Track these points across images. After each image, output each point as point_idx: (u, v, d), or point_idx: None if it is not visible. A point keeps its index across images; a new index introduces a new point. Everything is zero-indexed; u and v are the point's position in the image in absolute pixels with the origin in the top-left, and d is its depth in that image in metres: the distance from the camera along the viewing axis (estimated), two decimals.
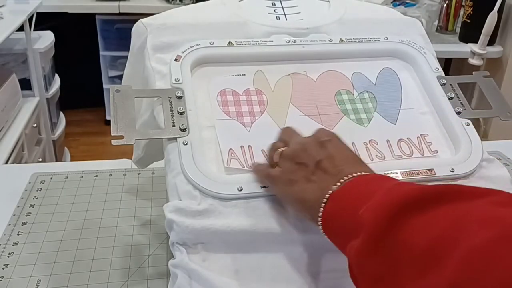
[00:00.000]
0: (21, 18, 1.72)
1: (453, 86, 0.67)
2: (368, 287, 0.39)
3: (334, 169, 0.47)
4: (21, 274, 0.61)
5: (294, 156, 0.50)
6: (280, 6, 0.73)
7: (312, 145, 0.50)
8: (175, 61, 0.63)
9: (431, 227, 0.36)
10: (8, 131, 1.65)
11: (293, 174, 0.49)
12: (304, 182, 0.48)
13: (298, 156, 0.50)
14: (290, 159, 0.51)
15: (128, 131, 0.56)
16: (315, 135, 0.52)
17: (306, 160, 0.49)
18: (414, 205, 0.38)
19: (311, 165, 0.49)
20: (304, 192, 0.48)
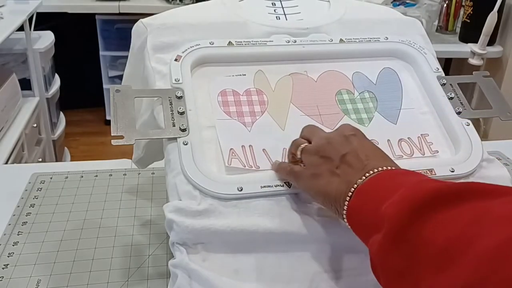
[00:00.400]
0: (21, 18, 1.72)
1: (453, 86, 0.67)
2: (389, 281, 0.40)
3: (359, 163, 0.47)
4: (21, 274, 0.61)
5: (319, 150, 0.50)
6: (280, 6, 0.73)
7: (336, 139, 0.50)
8: (175, 61, 0.63)
9: (450, 225, 0.36)
10: (8, 131, 1.65)
11: (318, 168, 0.49)
12: (328, 175, 0.48)
13: (324, 149, 0.50)
14: (315, 153, 0.50)
15: (128, 131, 0.56)
16: (339, 129, 0.52)
17: (330, 154, 0.49)
18: (435, 201, 0.38)
19: (336, 158, 0.48)
20: (329, 185, 0.48)
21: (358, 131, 0.52)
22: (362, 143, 0.50)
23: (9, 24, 1.65)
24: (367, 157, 0.48)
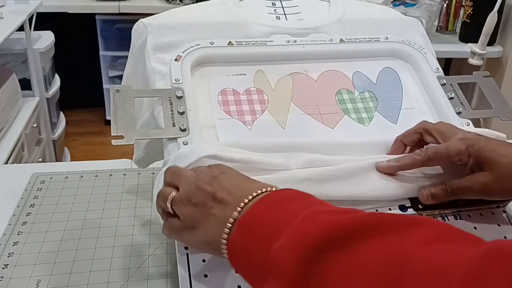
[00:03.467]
0: (21, 18, 1.72)
1: (453, 86, 0.67)
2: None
3: (232, 197, 0.44)
4: (21, 274, 0.61)
5: (190, 198, 0.46)
6: (280, 6, 0.73)
7: (204, 181, 0.46)
8: (175, 61, 0.63)
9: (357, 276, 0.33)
10: (8, 131, 1.65)
11: (194, 218, 0.45)
12: (204, 221, 0.44)
13: (195, 196, 0.45)
14: (187, 202, 0.46)
15: (128, 131, 0.56)
16: (205, 169, 0.48)
17: (202, 199, 0.45)
18: (332, 243, 0.34)
19: (208, 201, 0.45)
20: (207, 231, 0.44)
21: (227, 169, 0.48)
22: (232, 177, 0.46)
23: (9, 24, 1.65)
24: (240, 188, 0.44)
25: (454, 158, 0.53)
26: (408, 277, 0.31)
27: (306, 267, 0.34)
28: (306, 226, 0.37)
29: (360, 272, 0.33)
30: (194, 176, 0.48)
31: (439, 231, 0.35)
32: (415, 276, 0.31)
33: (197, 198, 0.45)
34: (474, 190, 0.53)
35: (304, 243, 0.35)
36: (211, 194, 0.45)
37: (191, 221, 0.46)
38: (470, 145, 0.52)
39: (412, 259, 0.32)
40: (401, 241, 0.34)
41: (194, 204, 0.45)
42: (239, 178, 0.47)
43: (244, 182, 0.46)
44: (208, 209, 0.44)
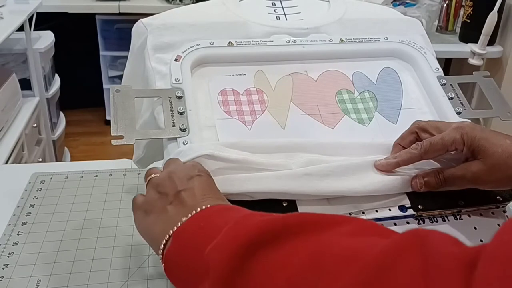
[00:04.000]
0: (21, 18, 1.72)
1: (453, 86, 0.67)
2: None
3: (193, 201, 0.44)
4: (21, 274, 0.61)
5: (158, 184, 0.47)
6: (280, 6, 0.73)
7: (179, 175, 0.46)
8: (175, 61, 0.63)
9: (286, 267, 0.33)
10: (8, 131, 1.65)
11: (151, 204, 0.46)
12: (159, 213, 0.45)
13: (163, 184, 0.46)
14: (155, 187, 0.47)
15: (128, 131, 0.56)
16: (187, 166, 0.49)
17: (167, 190, 0.45)
18: (263, 238, 0.35)
19: (170, 194, 0.45)
20: (154, 224, 0.44)
21: (205, 172, 0.48)
22: (203, 184, 0.46)
23: (9, 24, 1.64)
24: (204, 197, 0.44)
25: (450, 147, 0.53)
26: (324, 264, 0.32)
27: (236, 265, 0.35)
28: (238, 228, 0.37)
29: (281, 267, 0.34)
30: (173, 167, 0.49)
31: (363, 227, 0.36)
32: (331, 262, 0.32)
33: (164, 188, 0.46)
34: (465, 179, 0.53)
35: (235, 242, 0.36)
36: (176, 190, 0.45)
37: (148, 205, 0.46)
38: (464, 133, 0.52)
39: (331, 248, 0.33)
40: (324, 235, 0.35)
41: (159, 192, 0.46)
42: (210, 188, 0.47)
43: (214, 192, 0.46)
44: (166, 203, 0.45)
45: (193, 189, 0.45)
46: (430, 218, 0.56)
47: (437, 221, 0.56)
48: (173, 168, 0.49)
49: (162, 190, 0.46)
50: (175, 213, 0.44)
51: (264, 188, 0.52)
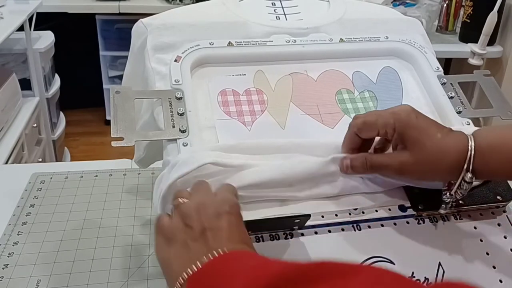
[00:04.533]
0: (21, 18, 1.72)
1: (454, 86, 0.67)
2: None
3: (217, 243, 0.42)
4: (21, 274, 0.61)
5: (185, 216, 0.45)
6: (280, 6, 0.73)
7: (208, 211, 0.45)
8: (175, 62, 0.63)
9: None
10: (8, 131, 1.65)
11: (175, 234, 0.45)
12: (180, 247, 0.44)
13: (189, 217, 0.45)
14: (181, 216, 0.45)
15: (128, 133, 0.56)
16: (218, 200, 0.47)
17: (194, 224, 0.44)
18: (281, 286, 0.35)
19: (196, 230, 0.44)
20: (173, 258, 0.43)
21: (235, 210, 0.46)
22: (232, 225, 0.44)
23: (9, 24, 1.65)
24: (229, 240, 0.43)
25: (381, 130, 0.52)
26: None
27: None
28: (257, 274, 0.37)
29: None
30: (204, 198, 0.47)
31: (381, 278, 0.35)
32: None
33: (191, 221, 0.45)
34: (391, 168, 0.52)
35: (256, 285, 0.35)
36: (203, 227, 0.44)
37: (171, 233, 0.45)
38: (397, 119, 0.51)
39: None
40: (340, 284, 0.34)
41: (185, 223, 0.45)
42: (238, 230, 0.45)
43: (240, 235, 0.44)
44: (189, 238, 0.43)
45: (219, 230, 0.43)
46: (430, 218, 0.56)
47: (437, 221, 0.56)
48: (203, 199, 0.47)
49: (189, 222, 0.45)
50: (196, 251, 0.42)
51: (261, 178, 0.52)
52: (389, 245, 0.53)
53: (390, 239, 0.54)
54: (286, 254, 0.52)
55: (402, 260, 0.53)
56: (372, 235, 0.54)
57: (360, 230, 0.55)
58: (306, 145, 0.57)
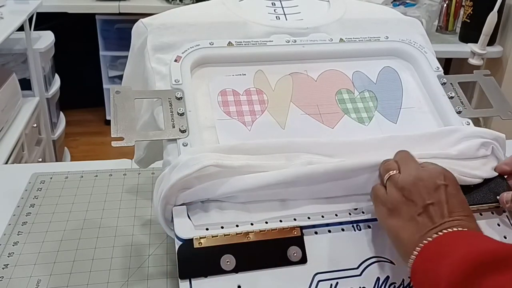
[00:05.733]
0: (21, 18, 1.72)
1: (454, 85, 0.67)
2: None
3: (440, 218, 0.46)
4: (21, 274, 0.61)
5: (404, 188, 0.49)
6: (280, 6, 0.73)
7: (425, 184, 0.48)
8: (175, 62, 0.63)
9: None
10: (8, 131, 1.65)
11: (397, 207, 0.48)
12: (406, 219, 0.48)
13: (409, 190, 0.48)
14: (399, 189, 0.49)
15: (128, 133, 0.56)
16: (432, 172, 0.50)
17: (415, 198, 0.48)
18: (491, 264, 0.38)
19: (419, 205, 0.47)
20: (403, 230, 0.47)
21: (451, 180, 0.49)
22: (451, 197, 0.48)
23: (9, 24, 1.64)
24: (451, 214, 0.46)
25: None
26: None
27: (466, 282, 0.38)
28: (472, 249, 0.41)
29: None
30: (418, 171, 0.50)
31: None
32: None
33: (410, 194, 0.48)
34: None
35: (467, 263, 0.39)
36: (425, 202, 0.47)
37: (392, 205, 0.49)
38: None
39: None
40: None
41: (404, 196, 0.48)
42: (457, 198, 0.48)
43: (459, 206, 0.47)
44: (413, 212, 0.47)
45: (441, 204, 0.47)
46: None
47: None
48: (418, 173, 0.50)
49: (409, 196, 0.48)
50: (423, 227, 0.46)
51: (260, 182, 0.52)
52: (389, 245, 0.53)
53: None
54: None
55: (402, 260, 0.53)
56: (372, 235, 0.54)
57: (360, 230, 0.55)
58: (306, 145, 0.57)
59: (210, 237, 0.51)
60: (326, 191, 0.55)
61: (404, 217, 0.48)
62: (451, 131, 0.60)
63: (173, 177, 0.51)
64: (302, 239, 0.52)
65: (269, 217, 0.53)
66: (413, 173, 0.50)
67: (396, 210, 0.49)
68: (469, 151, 0.58)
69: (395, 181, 0.50)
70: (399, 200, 0.49)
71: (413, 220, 0.47)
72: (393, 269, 0.53)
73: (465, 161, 0.57)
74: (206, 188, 0.52)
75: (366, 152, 0.58)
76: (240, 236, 0.51)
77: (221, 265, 0.50)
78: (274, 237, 0.52)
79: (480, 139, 0.59)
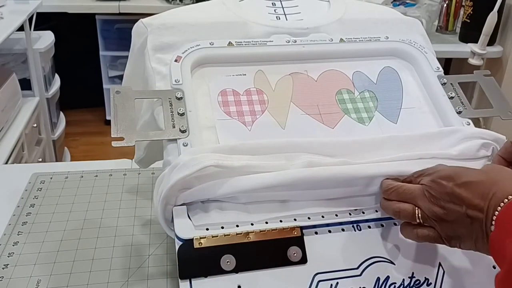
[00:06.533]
0: (21, 18, 1.72)
1: (454, 86, 0.67)
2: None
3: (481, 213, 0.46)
4: (21, 274, 0.61)
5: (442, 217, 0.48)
6: (280, 6, 0.73)
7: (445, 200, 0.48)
8: (175, 62, 0.63)
9: None
10: (8, 131, 1.65)
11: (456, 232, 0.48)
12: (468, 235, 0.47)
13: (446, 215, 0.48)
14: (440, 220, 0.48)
15: (128, 133, 0.56)
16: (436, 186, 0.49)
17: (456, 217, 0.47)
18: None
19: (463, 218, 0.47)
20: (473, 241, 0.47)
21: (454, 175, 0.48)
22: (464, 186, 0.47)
23: (9, 24, 1.64)
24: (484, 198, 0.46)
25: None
26: None
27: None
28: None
29: None
30: (427, 193, 0.49)
31: None
32: None
33: (450, 216, 0.47)
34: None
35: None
36: (462, 213, 0.46)
37: (452, 234, 0.48)
38: None
39: None
40: None
41: (450, 222, 0.47)
42: (474, 183, 0.47)
43: (481, 188, 0.47)
44: (467, 225, 0.46)
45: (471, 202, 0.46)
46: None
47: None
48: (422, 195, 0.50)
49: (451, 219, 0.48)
50: (481, 226, 0.46)
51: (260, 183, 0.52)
52: (389, 245, 0.53)
53: (390, 239, 0.54)
54: None
55: (402, 260, 0.53)
56: (372, 235, 0.54)
57: (360, 230, 0.55)
58: (306, 145, 0.57)
59: (210, 237, 0.51)
60: (327, 194, 0.55)
61: (465, 234, 0.47)
62: (451, 132, 0.60)
63: (173, 177, 0.51)
64: (302, 239, 0.52)
65: (269, 217, 0.53)
66: (427, 200, 0.49)
67: (457, 235, 0.48)
68: (470, 152, 0.58)
69: (427, 217, 0.49)
70: (451, 227, 0.48)
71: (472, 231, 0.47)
72: (393, 269, 0.53)
73: (465, 162, 0.57)
74: (206, 188, 0.52)
75: (367, 152, 0.58)
76: (240, 236, 0.51)
77: (221, 265, 0.50)
78: (274, 237, 0.52)
79: (481, 140, 0.59)
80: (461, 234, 0.48)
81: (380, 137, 0.60)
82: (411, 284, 0.52)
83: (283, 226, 0.52)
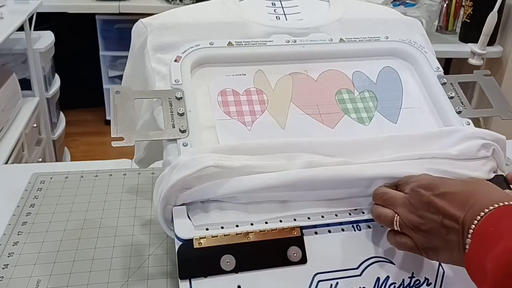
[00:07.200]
0: (21, 18, 1.72)
1: (454, 85, 0.67)
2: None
3: (457, 224, 0.45)
4: (21, 274, 0.61)
5: (419, 226, 0.48)
6: (280, 6, 0.73)
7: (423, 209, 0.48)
8: (175, 62, 0.63)
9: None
10: (8, 131, 1.65)
11: (431, 242, 0.48)
12: (444, 246, 0.47)
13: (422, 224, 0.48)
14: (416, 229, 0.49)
15: (128, 133, 0.56)
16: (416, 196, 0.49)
17: (431, 226, 0.47)
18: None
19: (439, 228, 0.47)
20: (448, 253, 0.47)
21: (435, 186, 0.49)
22: (444, 197, 0.47)
23: (9, 24, 1.64)
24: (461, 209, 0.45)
25: None
26: None
27: (504, 279, 0.38)
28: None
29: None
30: (407, 201, 0.50)
31: None
32: None
33: (426, 226, 0.48)
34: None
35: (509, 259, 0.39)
36: (438, 222, 0.46)
37: (428, 244, 0.48)
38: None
39: None
40: None
41: (425, 231, 0.48)
42: (453, 194, 0.47)
43: (459, 199, 0.46)
44: (443, 236, 0.46)
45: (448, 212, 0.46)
46: None
47: None
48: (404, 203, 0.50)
49: (426, 228, 0.48)
50: (458, 237, 0.45)
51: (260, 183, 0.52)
52: (389, 245, 0.53)
53: None
54: None
55: (402, 260, 0.53)
56: (372, 235, 0.54)
57: (360, 230, 0.55)
58: (306, 144, 0.57)
59: (210, 237, 0.51)
60: (328, 194, 0.55)
61: (441, 245, 0.47)
62: (451, 131, 0.60)
63: (173, 177, 0.51)
64: (302, 239, 0.52)
65: (269, 218, 0.53)
66: (406, 208, 0.49)
67: (432, 246, 0.48)
68: (470, 152, 0.58)
69: (405, 225, 0.49)
70: (426, 237, 0.48)
71: (449, 242, 0.46)
72: (393, 269, 0.53)
73: (465, 162, 0.57)
74: (206, 188, 0.52)
75: (367, 152, 0.58)
76: (240, 236, 0.51)
77: (221, 265, 0.50)
78: (274, 237, 0.52)
79: (481, 140, 0.59)
80: (437, 245, 0.47)
81: (380, 137, 0.60)
82: (411, 284, 0.52)
83: (283, 226, 0.52)
